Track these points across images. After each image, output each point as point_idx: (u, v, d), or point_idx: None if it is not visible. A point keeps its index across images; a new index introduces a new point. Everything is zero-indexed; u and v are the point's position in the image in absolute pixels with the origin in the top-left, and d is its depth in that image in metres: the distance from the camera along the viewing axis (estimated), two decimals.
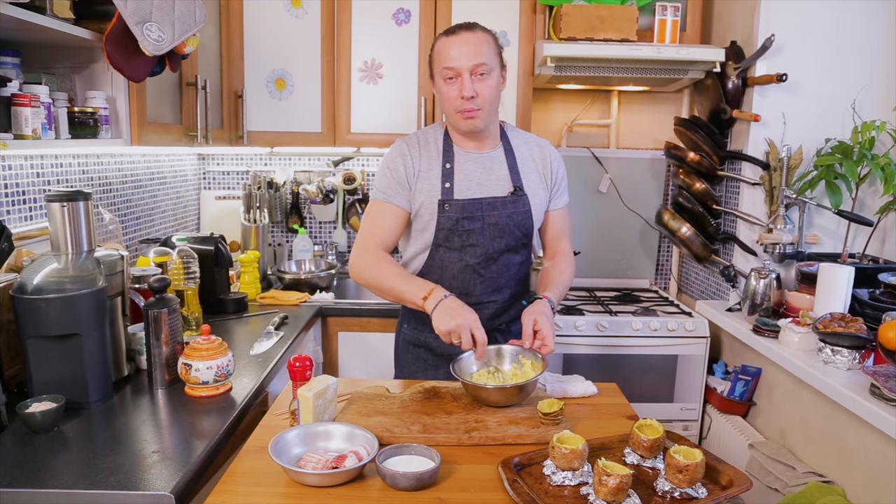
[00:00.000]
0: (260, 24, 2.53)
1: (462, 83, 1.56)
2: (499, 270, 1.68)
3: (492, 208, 1.64)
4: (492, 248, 1.65)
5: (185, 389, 1.51)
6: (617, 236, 2.94)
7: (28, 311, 1.34)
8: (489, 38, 1.60)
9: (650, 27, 2.50)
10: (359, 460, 1.14)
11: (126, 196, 2.29)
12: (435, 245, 1.66)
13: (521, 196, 1.66)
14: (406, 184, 1.65)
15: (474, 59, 1.55)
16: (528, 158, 1.72)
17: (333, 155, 2.95)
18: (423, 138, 1.71)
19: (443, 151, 1.67)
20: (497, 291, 1.70)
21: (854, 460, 1.68)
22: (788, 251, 2.24)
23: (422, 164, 1.66)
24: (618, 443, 1.28)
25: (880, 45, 2.28)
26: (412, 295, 1.54)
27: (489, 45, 1.59)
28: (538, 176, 1.71)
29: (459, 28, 1.59)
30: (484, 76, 1.57)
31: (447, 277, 1.67)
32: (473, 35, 1.57)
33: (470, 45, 1.56)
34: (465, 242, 1.65)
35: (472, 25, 1.60)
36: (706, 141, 2.46)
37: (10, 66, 1.49)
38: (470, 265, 1.66)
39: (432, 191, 1.64)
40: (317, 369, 2.36)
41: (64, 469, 1.15)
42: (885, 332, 1.59)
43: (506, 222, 1.65)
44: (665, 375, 2.43)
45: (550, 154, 1.74)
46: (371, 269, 1.61)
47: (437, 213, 1.63)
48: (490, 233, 1.65)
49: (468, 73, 1.56)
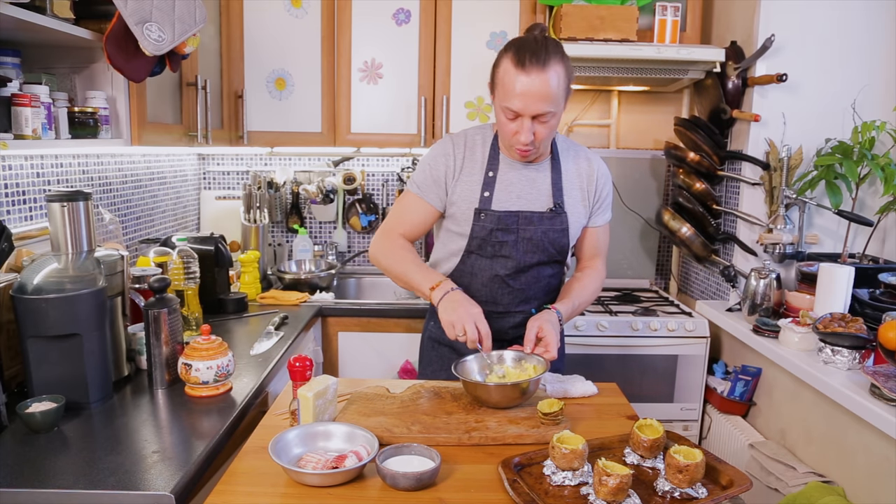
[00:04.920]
0: (260, 24, 2.53)
1: (522, 126, 1.48)
2: (528, 282, 1.66)
3: (528, 223, 1.61)
4: (524, 262, 1.63)
5: (185, 389, 1.51)
6: (617, 236, 2.93)
7: (28, 311, 1.34)
8: (562, 73, 1.45)
9: (650, 27, 2.50)
10: (359, 460, 1.14)
11: (126, 196, 2.29)
12: (468, 251, 1.64)
13: (561, 214, 1.62)
14: (443, 184, 1.63)
15: (540, 107, 1.44)
16: (574, 174, 1.66)
17: (333, 155, 2.95)
18: (471, 140, 1.65)
19: (488, 158, 1.62)
20: (525, 302, 1.68)
21: (854, 460, 1.68)
22: (788, 251, 2.24)
23: (464, 167, 1.62)
24: (618, 443, 1.28)
25: (880, 45, 2.28)
26: (421, 284, 1.56)
27: (560, 84, 1.45)
28: (581, 192, 1.66)
29: (532, 61, 1.42)
30: (546, 121, 1.48)
31: (476, 284, 1.66)
32: (544, 75, 1.42)
33: (539, 88, 1.42)
34: (498, 253, 1.63)
35: (545, 59, 1.42)
36: (706, 141, 2.46)
37: (10, 66, 1.50)
38: (500, 275, 1.64)
39: (471, 197, 1.61)
40: (317, 369, 2.36)
41: (64, 469, 1.15)
42: (885, 332, 1.59)
43: (541, 238, 1.61)
44: (665, 375, 2.43)
45: (598, 170, 1.67)
46: (387, 254, 1.63)
47: (472, 221, 1.61)
48: (524, 247, 1.62)
49: (529, 120, 1.46)
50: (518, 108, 1.45)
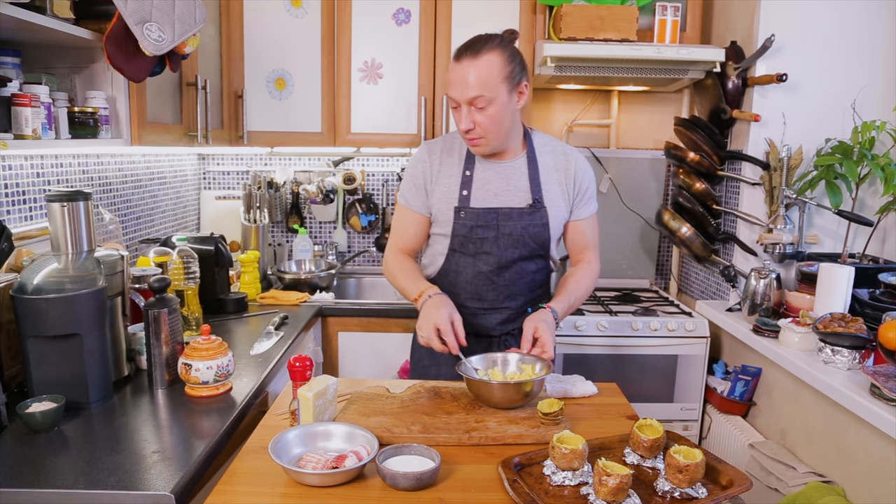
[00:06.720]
0: (260, 24, 2.53)
1: (461, 114, 1.54)
2: (512, 278, 1.69)
3: (507, 219, 1.64)
4: (505, 258, 1.66)
5: (185, 389, 1.51)
6: (617, 236, 2.94)
7: (28, 311, 1.34)
8: (495, 60, 1.50)
9: (650, 27, 2.50)
10: (359, 460, 1.14)
11: (126, 196, 2.29)
12: (451, 250, 1.69)
13: (540, 209, 1.65)
14: (423, 190, 1.69)
15: (470, 92, 1.50)
16: (551, 168, 1.68)
17: (333, 155, 2.95)
18: (448, 143, 1.71)
19: (465, 158, 1.67)
20: (510, 298, 1.71)
21: (854, 460, 1.68)
22: (788, 251, 2.24)
23: (441, 169, 1.67)
24: (618, 443, 1.28)
25: (880, 45, 2.28)
26: (409, 295, 1.62)
27: (492, 71, 1.49)
28: (560, 187, 1.68)
29: (465, 51, 1.51)
30: (483, 108, 1.51)
31: (461, 282, 1.70)
32: (476, 62, 1.49)
33: (469, 75, 1.49)
34: (479, 250, 1.66)
35: (477, 48, 1.50)
36: (706, 141, 2.46)
37: (10, 66, 1.50)
38: (483, 272, 1.67)
39: (450, 197, 1.66)
40: (317, 369, 2.36)
41: (64, 469, 1.15)
42: (885, 332, 1.59)
43: (521, 233, 1.65)
44: (665, 375, 2.43)
45: (576, 164, 1.69)
46: (389, 271, 1.72)
47: (452, 220, 1.66)
48: (504, 242, 1.65)
49: (466, 106, 1.52)
50: (454, 95, 1.53)
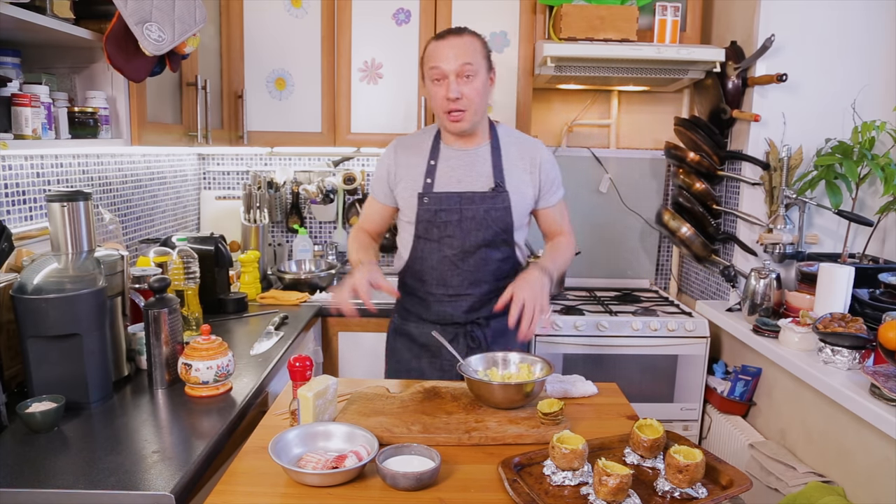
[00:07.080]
0: (260, 24, 2.53)
1: (448, 85, 1.62)
2: (476, 264, 1.73)
3: (470, 202, 1.69)
4: (469, 242, 1.71)
5: (185, 389, 1.51)
6: (617, 236, 2.94)
7: (28, 311, 1.34)
8: (477, 41, 1.66)
9: (650, 27, 2.50)
10: (359, 460, 1.14)
11: (126, 196, 2.29)
12: (416, 236, 1.75)
13: (502, 192, 1.70)
14: (386, 183, 1.79)
15: (460, 59, 1.60)
16: (516, 157, 1.74)
17: (333, 155, 2.95)
18: (416, 139, 1.80)
19: (430, 150, 1.75)
20: (474, 285, 1.74)
21: (854, 460, 1.68)
22: (788, 251, 2.24)
23: (408, 162, 1.76)
24: (618, 443, 1.28)
25: (880, 45, 2.28)
26: (353, 264, 1.70)
27: (476, 48, 1.64)
28: (527, 175, 1.74)
29: (448, 32, 1.66)
30: (470, 78, 1.62)
31: (427, 268, 1.76)
32: (461, 39, 1.63)
33: (457, 48, 1.62)
34: (443, 234, 1.71)
35: (460, 30, 1.66)
36: (706, 141, 2.46)
37: (10, 66, 1.49)
38: (447, 256, 1.72)
39: (414, 185, 1.73)
40: (317, 369, 2.36)
41: (64, 469, 1.15)
42: (885, 332, 1.59)
43: (483, 217, 1.69)
44: (665, 375, 2.43)
45: (541, 155, 1.76)
46: (349, 242, 1.83)
47: (416, 206, 1.71)
48: (467, 226, 1.70)
49: (454, 76, 1.61)
50: (444, 65, 1.61)
